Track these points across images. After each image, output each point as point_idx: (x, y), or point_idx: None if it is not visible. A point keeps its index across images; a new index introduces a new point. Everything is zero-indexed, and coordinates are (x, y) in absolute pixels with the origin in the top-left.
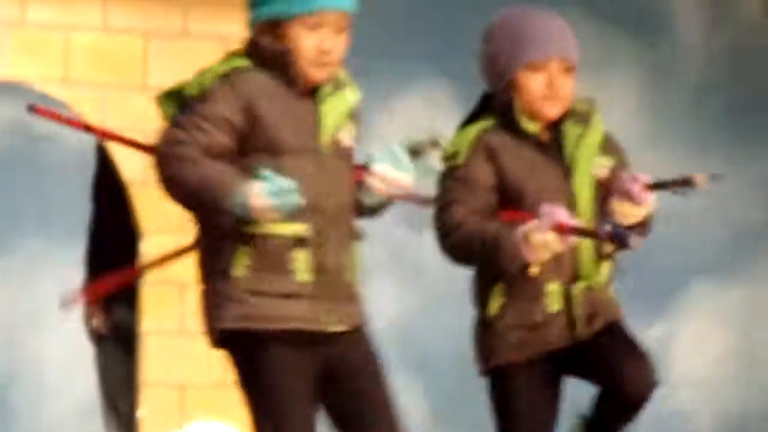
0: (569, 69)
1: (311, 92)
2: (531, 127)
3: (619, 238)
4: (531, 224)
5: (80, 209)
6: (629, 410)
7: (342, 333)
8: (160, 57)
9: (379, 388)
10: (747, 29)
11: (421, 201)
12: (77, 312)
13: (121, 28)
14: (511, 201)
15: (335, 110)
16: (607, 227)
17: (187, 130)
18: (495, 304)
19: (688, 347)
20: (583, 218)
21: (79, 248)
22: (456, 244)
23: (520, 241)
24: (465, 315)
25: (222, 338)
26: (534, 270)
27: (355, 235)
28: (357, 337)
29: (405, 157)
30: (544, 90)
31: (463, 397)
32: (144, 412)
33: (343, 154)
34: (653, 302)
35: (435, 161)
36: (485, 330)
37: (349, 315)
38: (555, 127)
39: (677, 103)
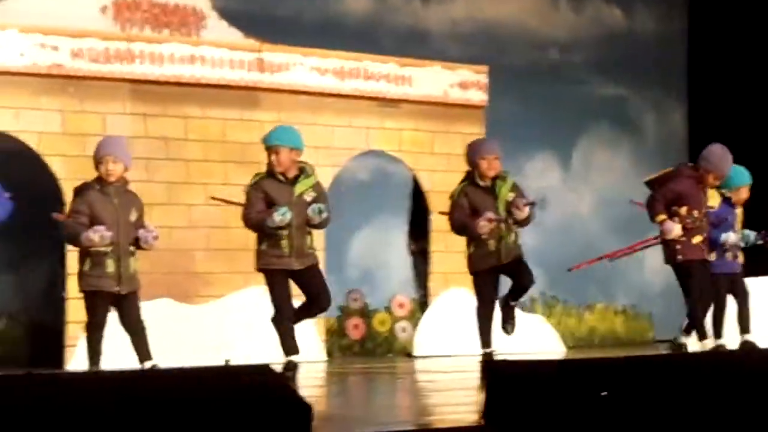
0: (498, 158)
1: (291, 180)
2: (482, 182)
3: (516, 223)
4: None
5: None
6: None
7: (302, 268)
8: None
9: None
10: None
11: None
12: None
13: None
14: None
15: (302, 185)
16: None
17: (250, 203)
18: (471, 248)
19: None
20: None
21: None
22: (456, 228)
23: (477, 224)
24: None
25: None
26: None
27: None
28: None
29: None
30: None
31: None
32: None
33: (304, 203)
34: None
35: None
36: (470, 256)
37: (305, 259)
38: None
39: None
